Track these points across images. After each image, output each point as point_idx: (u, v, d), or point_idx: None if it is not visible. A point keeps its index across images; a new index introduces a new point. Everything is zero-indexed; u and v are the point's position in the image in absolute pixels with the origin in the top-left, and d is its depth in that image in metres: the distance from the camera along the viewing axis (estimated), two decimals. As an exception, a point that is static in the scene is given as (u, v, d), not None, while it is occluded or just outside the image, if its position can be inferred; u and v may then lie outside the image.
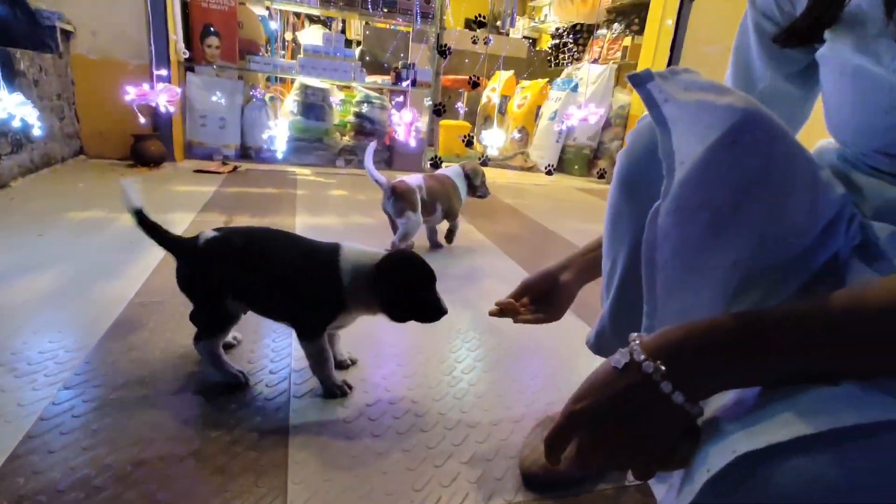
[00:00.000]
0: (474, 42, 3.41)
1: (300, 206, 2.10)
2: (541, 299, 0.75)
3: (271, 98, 3.17)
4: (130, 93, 1.25)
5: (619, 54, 4.13)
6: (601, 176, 3.69)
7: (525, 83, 4.44)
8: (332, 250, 0.86)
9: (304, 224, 1.86)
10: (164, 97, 1.31)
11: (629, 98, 3.78)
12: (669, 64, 3.37)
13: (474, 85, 3.26)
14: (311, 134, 3.04)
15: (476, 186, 1.79)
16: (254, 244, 0.86)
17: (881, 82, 0.45)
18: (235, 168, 2.68)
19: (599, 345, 0.70)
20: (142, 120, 1.52)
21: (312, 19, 4.45)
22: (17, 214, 1.64)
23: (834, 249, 0.47)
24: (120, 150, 2.58)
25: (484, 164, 3.06)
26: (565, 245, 1.90)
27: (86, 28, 2.44)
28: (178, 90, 1.34)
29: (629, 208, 0.57)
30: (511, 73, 4.80)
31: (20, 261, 1.27)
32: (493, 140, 1.62)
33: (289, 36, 4.71)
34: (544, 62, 5.16)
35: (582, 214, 2.47)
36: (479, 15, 3.09)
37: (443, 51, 2.92)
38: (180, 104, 2.78)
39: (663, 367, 0.38)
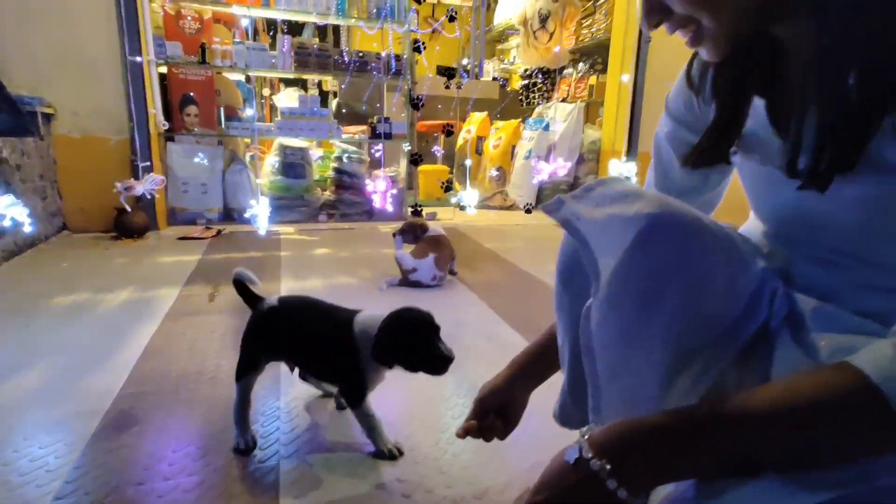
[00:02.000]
0: (447, 87, 3.56)
1: (285, 268, 2.14)
2: (497, 412, 0.77)
3: (251, 157, 3.25)
4: (116, 186, 1.30)
5: (586, 92, 4.31)
6: (579, 210, 3.79)
7: (499, 123, 4.59)
8: (349, 319, 0.94)
9: (289, 289, 1.89)
10: (148, 185, 1.36)
11: (599, 134, 3.92)
12: (633, 102, 3.52)
13: (448, 133, 3.38)
14: (292, 192, 3.10)
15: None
16: (295, 313, 1.00)
17: (790, 184, 0.52)
18: (219, 232, 2.72)
19: (564, 416, 0.74)
20: (128, 208, 1.56)
21: (287, 82, 4.60)
22: (3, 303, 1.65)
23: (760, 321, 0.53)
24: (103, 223, 2.61)
25: (462, 208, 3.15)
26: (547, 292, 1.96)
27: (66, 108, 2.51)
28: (162, 178, 1.39)
29: (568, 298, 0.63)
30: (485, 113, 4.97)
31: (8, 356, 1.29)
32: (469, 199, 1.69)
33: (266, 92, 4.85)
34: (516, 102, 5.35)
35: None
36: (449, 69, 3.24)
37: (415, 104, 3.04)
38: (163, 173, 2.84)
39: (608, 466, 0.43)
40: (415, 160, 3.12)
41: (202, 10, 2.85)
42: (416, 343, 0.86)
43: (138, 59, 2.52)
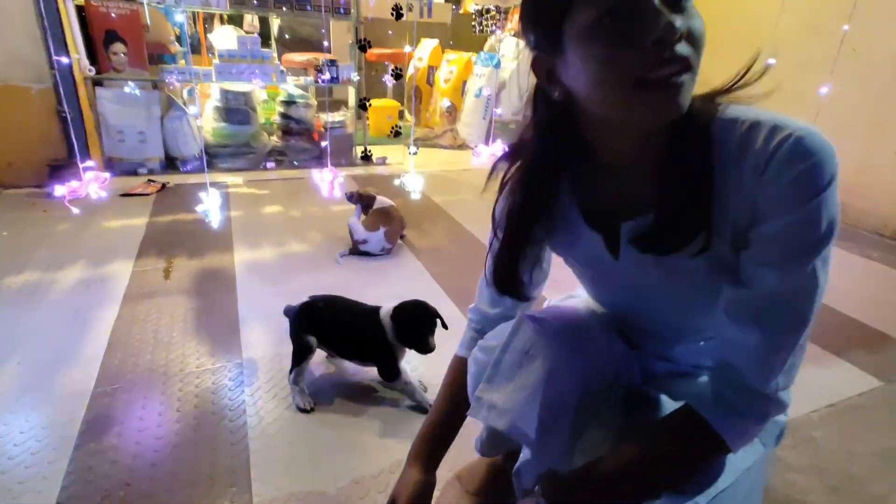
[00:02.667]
0: (397, 18, 3.38)
1: (237, 234, 2.18)
2: None
3: (189, 92, 3.08)
4: (61, 190, 1.28)
5: (538, 26, 4.21)
6: (526, 153, 3.89)
7: (451, 56, 4.46)
8: (375, 311, 1.28)
9: (244, 261, 1.96)
10: (94, 186, 1.34)
11: (549, 74, 3.92)
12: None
13: (397, 76, 3.30)
14: (237, 140, 3.02)
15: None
16: (329, 309, 1.33)
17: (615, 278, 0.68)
18: (164, 186, 2.67)
19: (484, 450, 0.91)
20: (75, 211, 1.54)
21: (223, 19, 4.21)
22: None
23: (630, 376, 0.72)
24: (34, 177, 2.51)
25: (414, 153, 3.17)
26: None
27: (-25, 55, 2.29)
28: (107, 175, 1.36)
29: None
30: (436, 42, 4.78)
31: (-28, 352, 1.35)
32: (413, 184, 1.75)
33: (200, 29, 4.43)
34: (468, 28, 5.15)
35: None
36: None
37: (363, 46, 2.93)
38: (94, 122, 2.69)
39: None
40: (363, 105, 3.07)
41: (118, -67, 2.55)
42: (414, 330, 1.22)
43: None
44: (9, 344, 1.40)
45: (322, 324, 1.30)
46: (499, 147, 1.91)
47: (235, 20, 4.64)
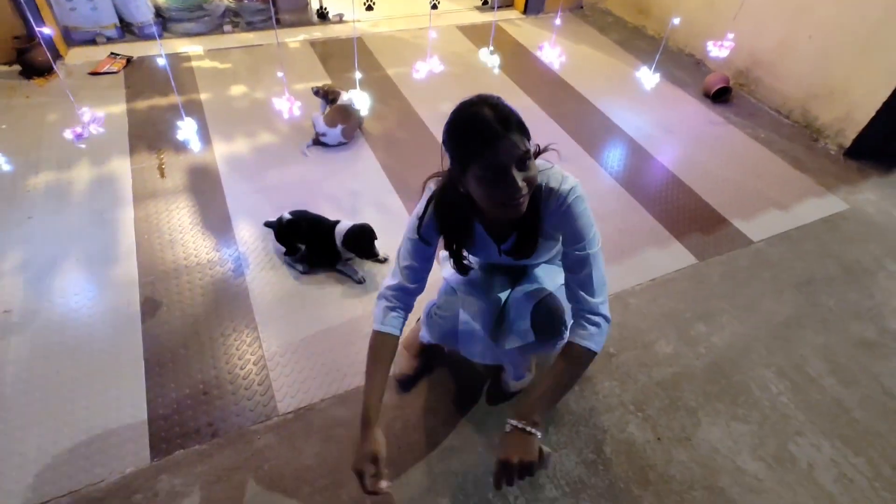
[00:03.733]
0: None
1: (211, 124, 2.48)
2: (373, 464, 1.06)
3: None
4: (68, 135, 1.53)
5: None
6: (485, 2, 3.85)
7: None
8: (333, 225, 1.81)
9: (223, 155, 2.32)
10: (93, 126, 1.58)
11: None
12: None
13: None
14: (188, 1, 3.01)
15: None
16: (302, 222, 1.83)
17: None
18: (129, 61, 2.80)
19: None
20: (82, 146, 1.77)
21: None
22: (-15, 187, 2.03)
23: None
24: (2, 56, 2.62)
25: (370, 8, 3.20)
26: (435, 146, 2.50)
27: None
28: (102, 114, 1.59)
29: None
30: None
31: (38, 252, 1.83)
32: (361, 102, 1.97)
33: None
34: None
35: (463, 89, 2.92)
36: None
37: None
38: (41, -8, 2.67)
39: (529, 427, 1.04)
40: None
41: None
42: (362, 244, 1.79)
43: None
44: (59, 242, 1.87)
45: (298, 235, 1.81)
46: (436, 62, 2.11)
47: None
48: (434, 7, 3.54)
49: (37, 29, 1.76)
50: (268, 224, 1.87)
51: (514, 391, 1.56)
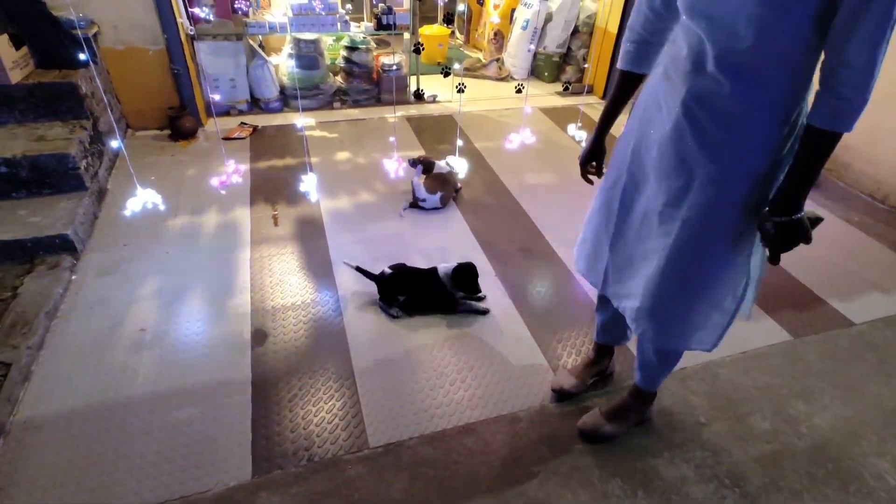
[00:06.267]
0: None
1: (319, 183, 2.77)
2: (593, 160, 1.42)
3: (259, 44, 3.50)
4: (215, 182, 1.85)
5: (592, -49, 4.17)
6: (566, 88, 4.14)
7: (502, -23, 4.51)
8: (433, 272, 1.98)
9: (328, 209, 2.58)
10: (235, 177, 1.90)
11: (595, 7, 4.01)
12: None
13: (449, 20, 3.54)
14: (308, 82, 3.48)
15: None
16: (401, 276, 2.00)
17: None
18: (255, 129, 3.24)
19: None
20: (223, 192, 2.15)
21: None
22: (141, 226, 2.36)
23: None
24: (157, 121, 3.13)
25: (460, 91, 3.53)
26: (519, 214, 2.65)
27: (107, 23, 2.80)
28: (243, 167, 1.90)
29: None
30: (489, -42, 4.78)
31: (174, 282, 2.09)
32: (457, 165, 2.20)
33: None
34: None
35: (544, 163, 3.11)
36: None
37: (418, -4, 3.20)
38: (195, 72, 3.21)
39: (794, 216, 0.98)
40: (417, 49, 3.41)
41: None
42: (467, 282, 1.96)
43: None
44: (189, 274, 2.13)
45: (398, 288, 1.98)
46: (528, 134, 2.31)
47: None
48: (518, 91, 3.85)
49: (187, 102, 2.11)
50: (361, 270, 2.04)
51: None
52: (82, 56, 1.56)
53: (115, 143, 2.63)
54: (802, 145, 0.96)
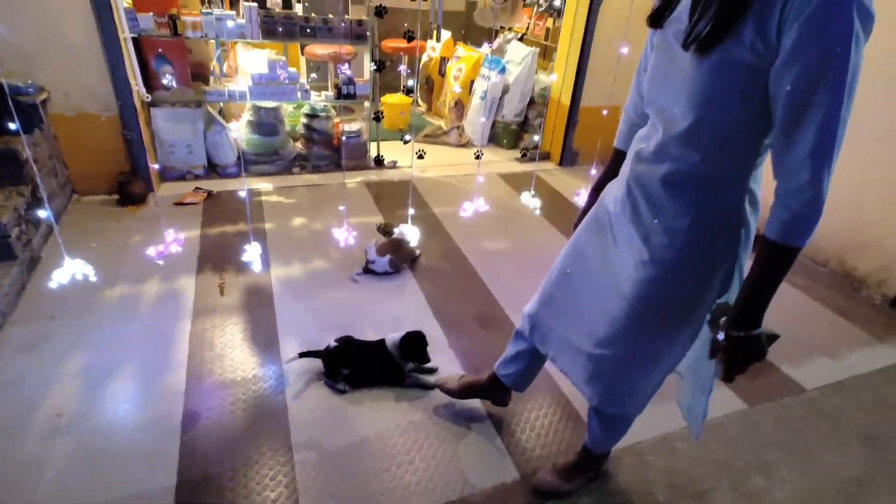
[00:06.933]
0: None
1: (272, 250, 2.71)
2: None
3: (219, 111, 3.52)
4: (152, 252, 1.79)
5: (543, 32, 4.48)
6: (524, 155, 4.28)
7: (461, 52, 4.75)
8: (381, 343, 1.90)
9: (279, 277, 2.51)
10: (175, 246, 1.84)
11: (549, 80, 4.24)
12: (580, 59, 3.82)
13: (409, 38, 3.56)
14: (267, 148, 3.49)
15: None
16: (347, 347, 1.91)
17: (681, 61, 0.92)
18: (209, 194, 3.19)
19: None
20: (161, 263, 2.08)
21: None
22: (71, 296, 2.22)
23: None
24: (106, 185, 3.04)
25: (420, 157, 3.60)
26: (475, 281, 2.63)
27: (58, 90, 2.76)
28: (193, 234, 1.85)
29: None
30: (449, 34, 5.06)
31: (101, 357, 1.94)
32: (410, 234, 2.22)
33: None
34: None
35: (502, 229, 3.14)
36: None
37: (379, 67, 3.30)
38: (150, 138, 3.18)
39: (752, 331, 0.93)
40: (377, 117, 3.48)
41: (166, -27, 2.91)
42: (415, 351, 1.89)
43: (116, 39, 2.72)
44: (120, 350, 1.99)
45: (343, 361, 1.89)
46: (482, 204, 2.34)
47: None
48: (478, 157, 3.95)
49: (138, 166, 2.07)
50: (305, 354, 1.96)
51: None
52: (12, 125, 1.50)
53: (53, 211, 2.52)
54: (758, 255, 0.93)
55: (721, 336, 0.98)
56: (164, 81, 3.16)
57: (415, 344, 1.89)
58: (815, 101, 0.78)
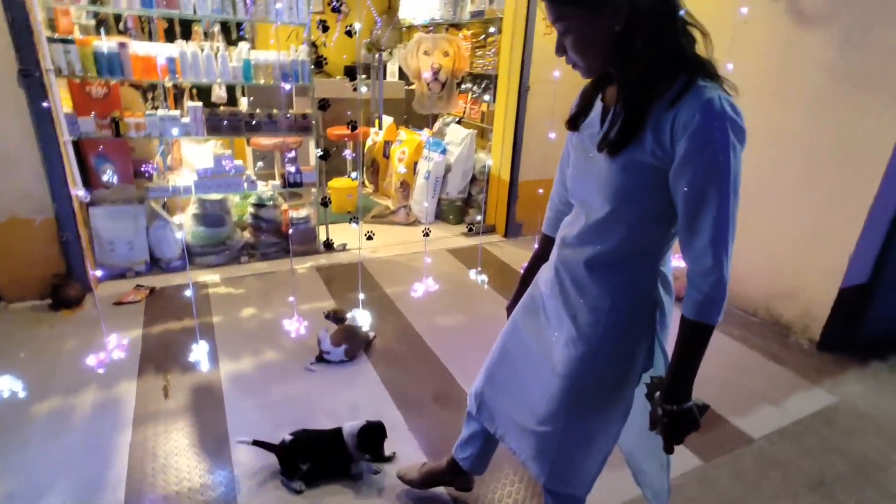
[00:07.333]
0: (354, 89, 3.75)
1: (220, 344, 2.63)
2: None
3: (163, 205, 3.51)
4: (92, 361, 1.71)
5: (479, 115, 4.84)
6: (470, 229, 4.46)
7: (403, 136, 5.01)
8: (337, 432, 1.84)
9: (228, 373, 2.42)
10: (117, 352, 1.77)
11: (488, 160, 4.52)
12: (515, 139, 4.12)
13: (353, 127, 3.70)
14: (214, 240, 3.47)
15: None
16: (304, 439, 1.83)
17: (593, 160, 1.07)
18: (152, 291, 3.10)
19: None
20: (101, 372, 2.01)
21: (192, 95, 4.62)
22: (-12, 416, 2.05)
23: None
24: (37, 290, 2.90)
25: (370, 238, 3.68)
26: (432, 360, 2.63)
27: (-12, 195, 2.69)
28: (126, 340, 1.79)
29: None
30: (391, 119, 5.34)
31: (23, 484, 1.77)
32: (361, 319, 2.26)
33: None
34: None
35: (453, 304, 3.20)
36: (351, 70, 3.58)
37: (324, 155, 3.42)
38: (88, 237, 3.10)
39: (683, 405, 1.03)
40: (324, 202, 3.56)
41: (107, 79, 2.98)
42: (373, 443, 1.84)
43: (55, 143, 2.71)
44: (50, 473, 1.82)
45: (301, 455, 1.82)
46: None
47: (203, 94, 4.99)
48: (426, 235, 4.07)
49: (75, 268, 2.00)
50: (260, 444, 1.87)
51: None
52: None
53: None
54: (679, 333, 1.02)
55: (660, 412, 1.05)
56: (104, 178, 3.14)
57: (373, 435, 1.85)
58: (708, 199, 0.92)
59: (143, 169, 3.40)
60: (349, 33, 2.37)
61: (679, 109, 0.91)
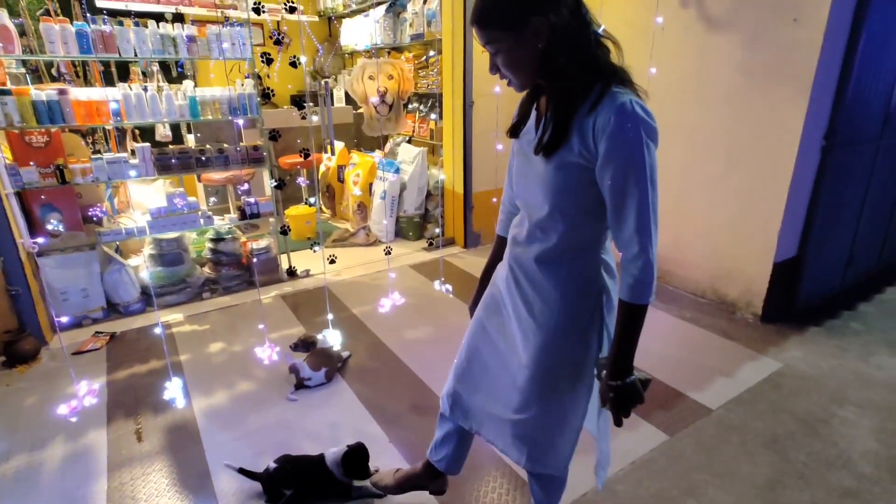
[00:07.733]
0: (303, 118, 3.80)
1: (191, 382, 2.60)
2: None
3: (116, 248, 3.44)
4: (63, 410, 1.67)
5: (428, 133, 4.97)
6: (431, 244, 4.55)
7: (356, 159, 5.09)
8: (321, 460, 1.85)
9: (202, 409, 2.39)
10: (88, 398, 1.73)
11: (442, 175, 4.65)
12: (464, 153, 4.27)
13: (306, 155, 3.73)
14: (173, 278, 3.42)
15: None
16: (288, 466, 1.85)
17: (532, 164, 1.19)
18: (112, 336, 3.02)
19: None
20: (74, 420, 1.97)
21: (135, 135, 4.55)
22: (-52, 483, 1.96)
23: None
24: (-12, 348, 2.78)
25: (332, 262, 3.70)
26: (404, 373, 2.69)
27: (-72, 256, 2.58)
28: (98, 383, 1.76)
29: None
30: (343, 144, 5.41)
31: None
32: (332, 339, 2.30)
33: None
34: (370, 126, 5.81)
35: (421, 317, 3.27)
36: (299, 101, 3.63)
37: (279, 185, 3.45)
38: (39, 289, 3.00)
39: (627, 379, 1.14)
40: (284, 231, 3.58)
41: (48, 127, 2.93)
42: (356, 465, 1.84)
43: (-3, 196, 2.64)
44: (24, 531, 1.77)
45: (285, 481, 1.84)
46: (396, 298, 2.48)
47: (146, 134, 4.93)
48: (388, 253, 4.14)
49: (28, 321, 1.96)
50: (244, 472, 1.88)
51: None
52: None
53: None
54: (617, 315, 1.13)
55: (606, 389, 1.17)
56: (50, 228, 3.06)
57: (356, 458, 1.85)
58: (629, 192, 1.05)
59: (90, 213, 3.33)
60: (293, 64, 2.45)
61: (598, 114, 1.04)
